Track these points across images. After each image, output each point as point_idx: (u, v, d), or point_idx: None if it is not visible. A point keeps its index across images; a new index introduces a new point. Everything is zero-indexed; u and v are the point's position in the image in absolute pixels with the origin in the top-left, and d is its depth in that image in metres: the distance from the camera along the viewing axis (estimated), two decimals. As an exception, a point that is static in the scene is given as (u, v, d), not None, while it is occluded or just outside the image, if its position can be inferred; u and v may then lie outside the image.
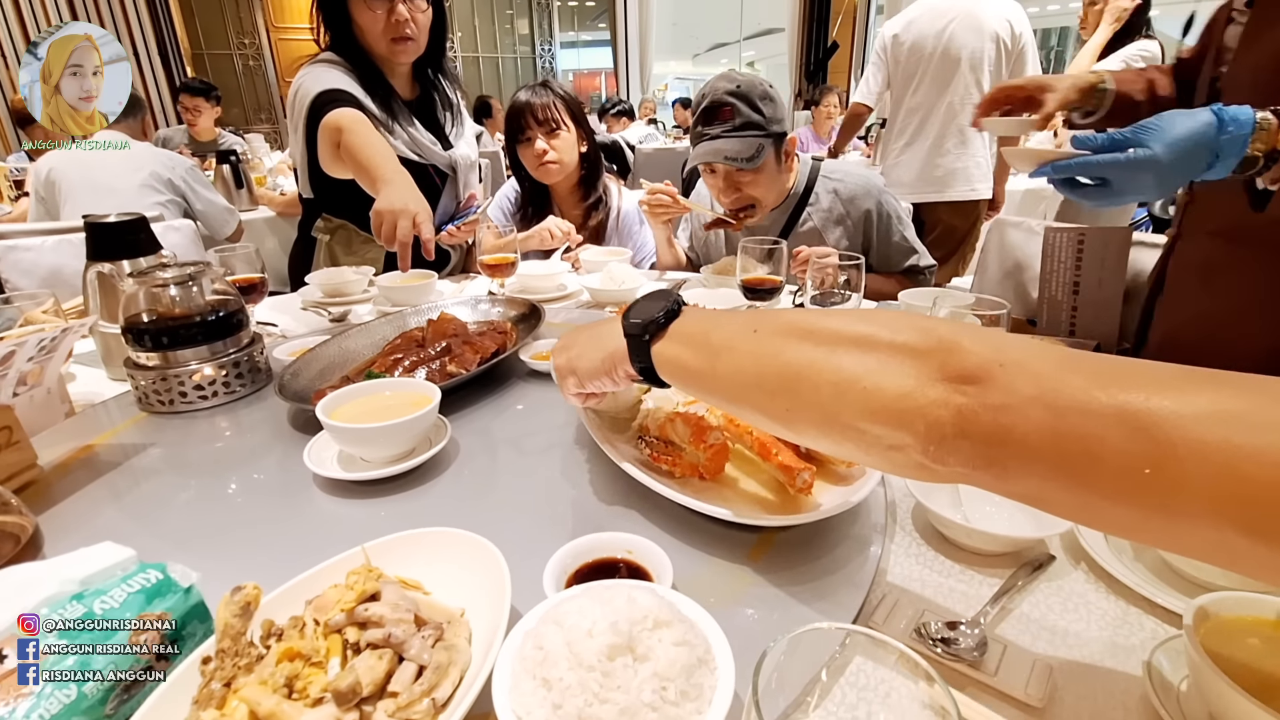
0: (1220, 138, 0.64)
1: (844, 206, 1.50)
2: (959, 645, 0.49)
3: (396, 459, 0.74)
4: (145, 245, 1.03)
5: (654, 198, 1.47)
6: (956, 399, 0.36)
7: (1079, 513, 0.36)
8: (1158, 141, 0.65)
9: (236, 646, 0.41)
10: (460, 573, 0.51)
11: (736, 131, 1.35)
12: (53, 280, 1.65)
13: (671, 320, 0.54)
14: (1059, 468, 0.33)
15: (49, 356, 0.82)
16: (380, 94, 1.42)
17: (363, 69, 1.41)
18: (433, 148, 1.51)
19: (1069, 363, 0.34)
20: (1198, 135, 0.64)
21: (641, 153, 4.91)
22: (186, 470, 0.80)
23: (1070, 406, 0.32)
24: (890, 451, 0.39)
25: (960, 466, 0.36)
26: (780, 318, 0.47)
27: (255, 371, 0.98)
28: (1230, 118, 0.64)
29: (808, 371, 0.43)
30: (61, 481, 0.76)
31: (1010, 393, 0.34)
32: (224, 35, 7.49)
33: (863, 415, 0.40)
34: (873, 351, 0.40)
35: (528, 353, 1.02)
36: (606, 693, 0.36)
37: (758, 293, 1.15)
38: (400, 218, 1.04)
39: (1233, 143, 0.64)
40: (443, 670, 0.41)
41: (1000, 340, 0.37)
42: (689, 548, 0.61)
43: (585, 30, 10.99)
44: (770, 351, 0.45)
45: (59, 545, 0.63)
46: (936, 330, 0.39)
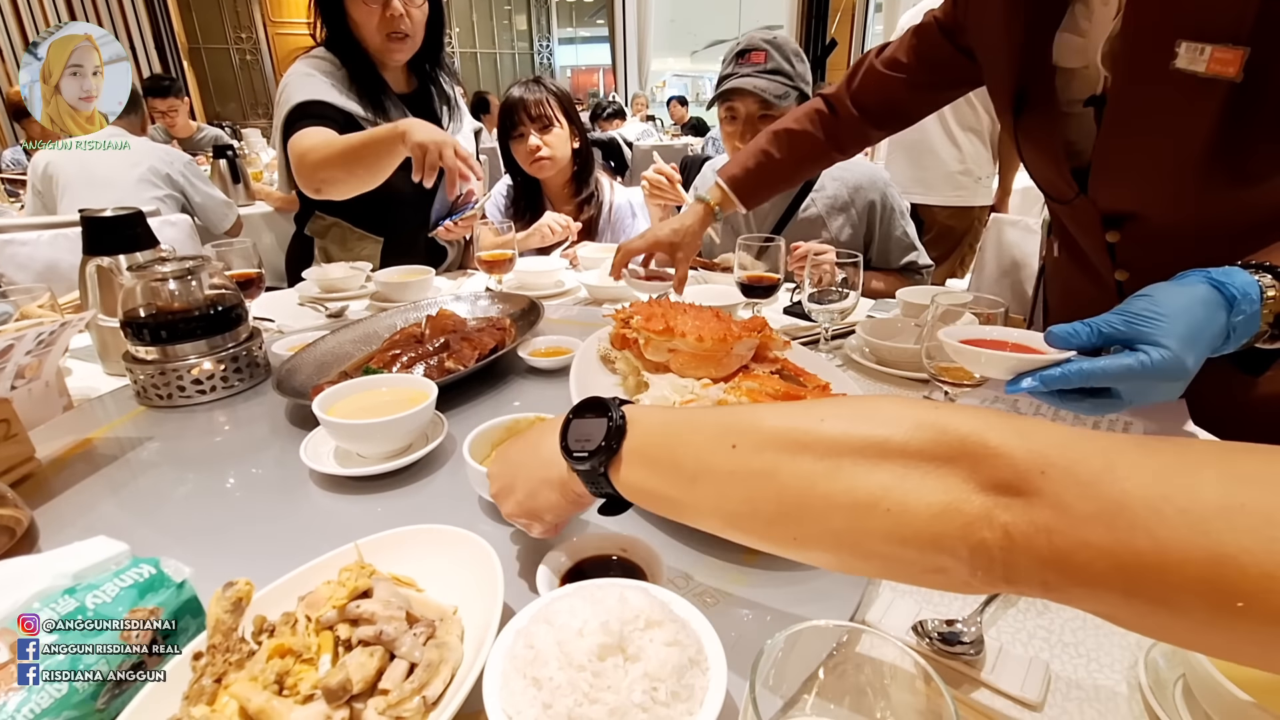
0: (1233, 319, 0.52)
1: (849, 195, 1.50)
2: (957, 643, 0.49)
3: (393, 455, 0.74)
4: (142, 240, 1.02)
5: (655, 177, 1.47)
6: (1001, 516, 0.31)
7: (1164, 635, 0.32)
8: (1172, 337, 0.49)
9: (228, 642, 0.41)
10: (453, 570, 0.51)
11: (767, 74, 1.38)
12: (49, 275, 1.64)
13: (620, 441, 0.44)
14: (1130, 594, 0.28)
15: (47, 350, 0.82)
16: (371, 91, 1.42)
17: (355, 65, 1.40)
18: None
19: (1118, 461, 0.29)
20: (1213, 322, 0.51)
21: (639, 149, 4.90)
22: (184, 465, 0.80)
23: (1134, 527, 0.27)
24: (931, 575, 0.34)
25: (1019, 587, 0.32)
26: (758, 424, 0.39)
27: (253, 366, 0.98)
28: (1239, 293, 0.52)
29: (811, 497, 0.36)
30: (59, 475, 0.75)
31: (1061, 511, 0.29)
32: (220, 29, 7.46)
33: (890, 541, 0.34)
34: (884, 463, 0.34)
35: (526, 349, 1.01)
36: (597, 693, 0.35)
37: (755, 290, 1.14)
38: (443, 147, 1.13)
39: (1248, 322, 0.52)
40: (434, 668, 0.41)
41: (1028, 432, 0.32)
42: (682, 545, 0.61)
43: (583, 26, 10.96)
44: (759, 472, 0.38)
45: (55, 539, 0.63)
46: (951, 427, 0.33)
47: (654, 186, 1.50)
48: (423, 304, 1.17)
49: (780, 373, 0.83)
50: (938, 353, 0.80)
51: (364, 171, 1.28)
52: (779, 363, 0.85)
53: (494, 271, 1.39)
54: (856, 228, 1.51)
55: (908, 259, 1.52)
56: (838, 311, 1.02)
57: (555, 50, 10.32)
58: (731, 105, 1.43)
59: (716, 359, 0.80)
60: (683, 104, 6.97)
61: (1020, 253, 1.69)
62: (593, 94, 10.08)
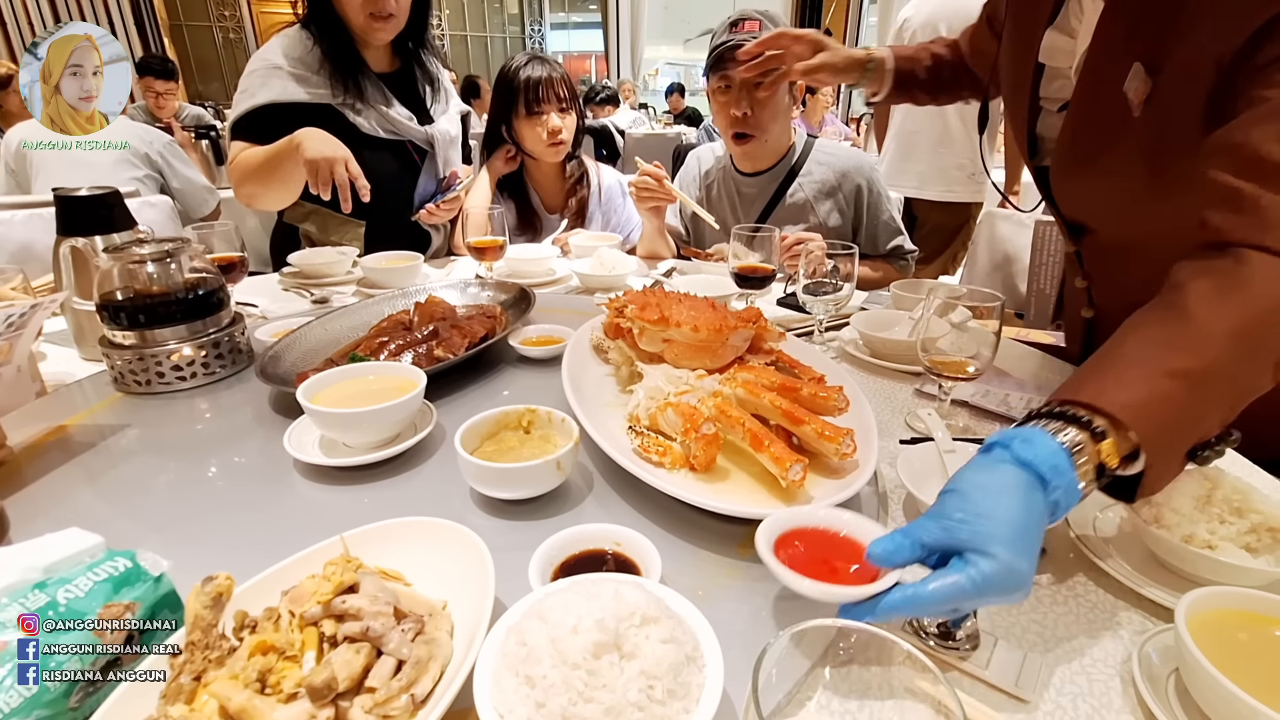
0: (1050, 497, 0.46)
1: (836, 179, 1.51)
2: (952, 638, 0.48)
3: (380, 445, 0.72)
4: (119, 220, 0.99)
5: (642, 180, 1.44)
6: None
7: None
8: (998, 542, 0.42)
9: (207, 639, 0.40)
10: (443, 563, 0.50)
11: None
12: (22, 256, 1.59)
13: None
14: None
15: (18, 334, 0.79)
16: (349, 70, 1.39)
17: (332, 43, 1.37)
18: (408, 123, 1.47)
19: None
20: (1033, 506, 0.45)
21: (631, 138, 4.86)
22: (163, 453, 0.77)
23: None
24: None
25: None
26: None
27: (236, 352, 0.96)
28: (1048, 470, 0.46)
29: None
30: (32, 463, 0.73)
31: None
32: (203, 6, 7.27)
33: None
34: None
35: (517, 338, 1.00)
36: (591, 691, 0.35)
37: (749, 280, 1.13)
38: (334, 164, 1.19)
39: (1068, 494, 0.47)
40: (422, 665, 0.40)
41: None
42: (678, 540, 0.60)
43: (576, 11, 10.81)
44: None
45: (26, 529, 0.61)
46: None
47: (642, 190, 1.46)
48: (411, 290, 1.15)
49: (775, 364, 0.82)
50: (932, 345, 0.79)
51: (278, 184, 1.34)
52: (774, 354, 0.84)
53: (483, 259, 1.36)
54: (844, 213, 1.52)
55: (894, 243, 1.54)
56: (832, 303, 1.01)
57: (547, 35, 10.18)
58: (726, 74, 1.41)
59: (712, 350, 0.79)
60: (682, 94, 6.92)
61: (1012, 247, 1.69)
62: (584, 80, 9.97)
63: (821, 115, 4.82)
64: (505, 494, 0.64)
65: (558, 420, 0.70)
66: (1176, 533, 0.54)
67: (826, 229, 1.51)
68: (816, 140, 1.58)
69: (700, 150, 1.69)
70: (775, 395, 0.69)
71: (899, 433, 0.81)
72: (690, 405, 0.67)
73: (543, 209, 1.79)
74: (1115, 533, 0.61)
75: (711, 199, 1.63)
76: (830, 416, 0.69)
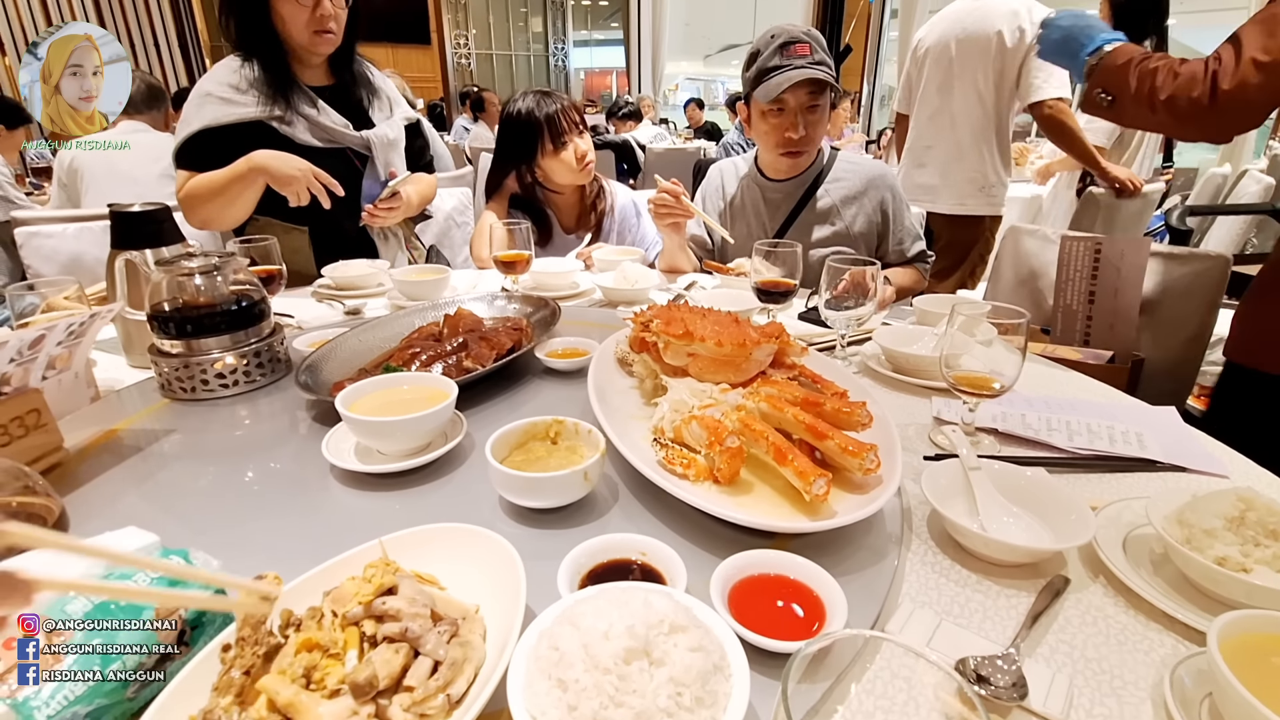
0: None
1: (861, 186, 1.55)
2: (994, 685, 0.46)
3: (413, 453, 0.74)
4: (168, 235, 1.04)
5: (660, 197, 1.46)
6: None
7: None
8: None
9: (256, 635, 0.42)
10: (475, 569, 0.51)
11: (815, 65, 1.40)
12: (73, 267, 1.67)
13: None
14: None
15: (77, 341, 0.83)
16: (280, 86, 1.46)
17: (268, 60, 1.45)
18: (343, 130, 1.52)
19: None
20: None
21: (652, 152, 4.91)
22: (206, 457, 0.81)
23: None
24: None
25: None
26: None
27: (275, 362, 0.99)
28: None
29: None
30: (86, 464, 0.77)
31: None
32: (244, 28, 7.54)
33: None
34: None
35: (543, 350, 1.02)
36: (622, 696, 0.36)
37: (771, 295, 1.14)
38: (306, 175, 1.32)
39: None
40: (458, 666, 0.42)
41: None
42: (702, 551, 0.61)
43: (598, 29, 11.01)
44: None
45: (83, 528, 0.64)
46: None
47: (660, 206, 1.48)
48: (441, 303, 1.18)
49: (798, 379, 0.83)
50: (955, 362, 0.79)
51: (241, 207, 1.44)
52: (796, 369, 0.85)
53: (509, 273, 1.39)
54: (871, 216, 1.55)
55: (919, 247, 1.59)
56: (854, 318, 1.02)
57: (570, 53, 10.36)
58: (783, 98, 1.43)
59: (735, 364, 0.80)
60: (700, 107, 6.98)
61: (1039, 262, 1.67)
62: (604, 96, 10.11)
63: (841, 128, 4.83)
64: (533, 503, 0.66)
65: (584, 431, 0.72)
66: (1209, 555, 0.54)
67: (852, 233, 1.55)
68: (839, 151, 1.63)
69: (722, 163, 1.71)
70: (798, 410, 0.69)
71: (922, 448, 0.81)
72: (714, 418, 0.68)
73: (560, 230, 1.82)
74: (1146, 554, 0.60)
75: (735, 208, 1.65)
76: (853, 432, 0.70)
